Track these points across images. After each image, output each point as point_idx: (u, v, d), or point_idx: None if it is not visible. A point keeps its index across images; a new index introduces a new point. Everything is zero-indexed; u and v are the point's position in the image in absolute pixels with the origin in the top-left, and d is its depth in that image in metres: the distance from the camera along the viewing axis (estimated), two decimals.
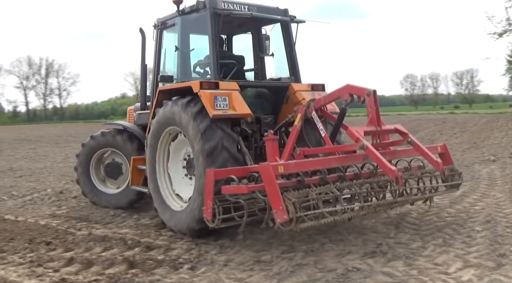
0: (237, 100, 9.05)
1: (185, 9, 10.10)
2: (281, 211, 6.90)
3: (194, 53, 10.52)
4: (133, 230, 10.11)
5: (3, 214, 12.50)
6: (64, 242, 9.54)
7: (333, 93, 9.25)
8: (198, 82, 8.99)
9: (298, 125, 9.34)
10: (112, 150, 12.52)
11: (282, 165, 7.56)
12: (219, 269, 7.53)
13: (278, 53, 11.05)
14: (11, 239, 9.99)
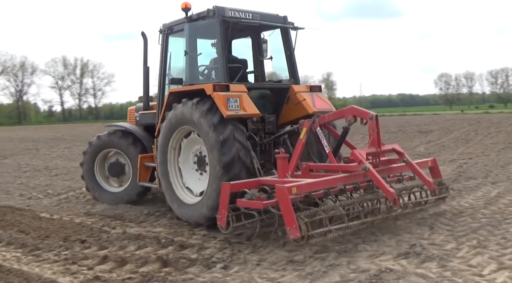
0: (247, 101, 9.79)
1: (193, 16, 10.74)
2: (295, 229, 7.55)
3: (199, 56, 11.17)
4: (167, 229, 10.16)
5: (39, 212, 12.65)
6: (99, 240, 9.62)
7: (338, 112, 10.05)
8: (211, 85, 9.69)
9: (303, 139, 9.86)
10: (116, 150, 13.04)
11: (295, 186, 7.99)
12: (252, 269, 7.53)
13: (278, 57, 11.79)
14: (46, 236, 10.12)
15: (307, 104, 10.90)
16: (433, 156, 19.69)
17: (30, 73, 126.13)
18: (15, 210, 13.03)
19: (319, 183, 8.56)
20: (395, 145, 9.71)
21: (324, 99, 11.42)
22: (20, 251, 9.24)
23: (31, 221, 11.60)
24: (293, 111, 11.06)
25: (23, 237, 10.17)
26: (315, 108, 10.83)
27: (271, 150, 10.81)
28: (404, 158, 9.41)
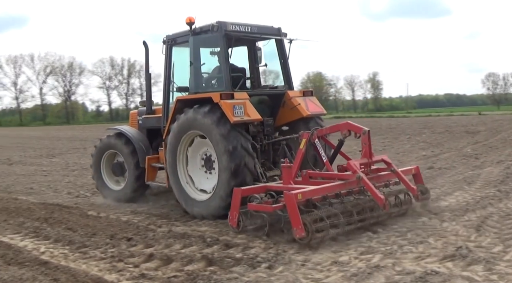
0: (250, 108, 10.86)
1: (197, 29, 11.66)
2: (300, 230, 8.49)
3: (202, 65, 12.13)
4: (212, 228, 10.20)
5: (86, 210, 12.85)
6: (145, 238, 9.71)
7: (334, 127, 10.91)
8: (218, 94, 10.73)
9: (303, 149, 10.61)
10: (115, 151, 13.97)
11: (301, 193, 8.97)
12: (296, 269, 7.52)
13: (274, 65, 12.97)
14: (93, 234, 10.26)
15: (302, 108, 11.96)
16: (480, 157, 19.46)
17: (78, 73, 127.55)
18: (63, 207, 13.27)
19: (321, 190, 9.51)
20: (384, 156, 10.81)
21: (316, 103, 12.42)
22: (67, 248, 9.39)
23: (78, 219, 11.79)
24: (288, 115, 12.17)
25: (70, 234, 10.34)
26: (309, 112, 11.96)
27: (270, 150, 11.92)
28: (392, 167, 10.42)
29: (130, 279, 7.50)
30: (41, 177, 20.25)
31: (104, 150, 14.21)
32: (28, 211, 12.97)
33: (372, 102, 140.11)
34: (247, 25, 11.76)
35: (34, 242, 10.02)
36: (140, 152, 13.22)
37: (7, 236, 10.57)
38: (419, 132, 33.98)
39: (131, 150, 13.36)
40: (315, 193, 9.37)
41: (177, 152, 11.61)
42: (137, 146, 13.27)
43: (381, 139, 29.00)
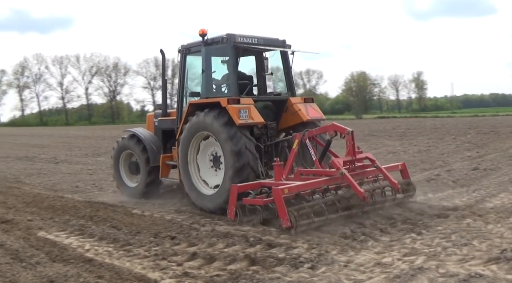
0: (254, 112, 11.90)
1: (209, 40, 12.72)
2: (286, 220, 9.53)
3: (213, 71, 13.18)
4: (255, 228, 10.18)
5: (131, 208, 13.01)
6: (188, 237, 9.76)
7: (322, 128, 11.97)
8: (226, 99, 11.82)
9: (296, 149, 11.71)
10: (131, 152, 14.99)
11: (287, 188, 10.08)
12: (339, 270, 7.48)
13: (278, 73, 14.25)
14: (137, 232, 10.36)
15: (302, 113, 12.89)
16: None
17: (123, 74, 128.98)
18: (108, 206, 13.44)
19: (306, 185, 10.61)
20: (368, 154, 11.73)
21: (316, 108, 13.32)
22: (112, 246, 9.50)
23: (123, 217, 11.92)
24: (290, 119, 13.16)
25: (115, 232, 10.45)
26: (308, 117, 12.86)
27: (273, 151, 12.94)
28: (375, 164, 11.28)
29: (173, 277, 7.56)
30: (87, 176, 20.56)
31: (121, 150, 15.32)
32: (73, 209, 13.17)
33: (416, 102, 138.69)
34: (254, 37, 12.88)
35: (79, 240, 10.16)
36: (151, 152, 14.29)
37: (52, 234, 10.73)
38: (464, 132, 33.56)
39: (143, 150, 14.44)
40: (301, 188, 10.48)
41: (188, 151, 12.66)
42: (148, 147, 14.35)
43: (426, 140, 28.70)
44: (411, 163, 18.67)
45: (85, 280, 7.59)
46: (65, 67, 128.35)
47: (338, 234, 9.27)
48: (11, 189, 17.45)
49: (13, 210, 13.53)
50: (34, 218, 12.38)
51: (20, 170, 24.12)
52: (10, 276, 7.96)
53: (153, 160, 14.23)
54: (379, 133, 35.57)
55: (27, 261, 8.73)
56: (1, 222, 12.03)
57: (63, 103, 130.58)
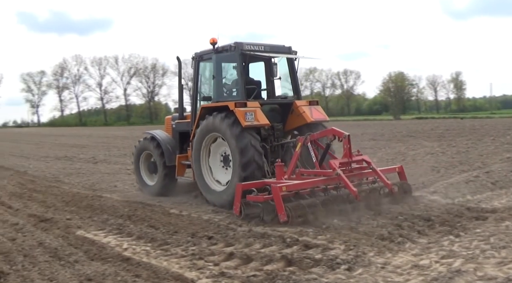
0: (260, 114, 12.80)
1: (219, 48, 13.82)
2: (283, 215, 10.49)
3: (224, 76, 14.25)
4: (292, 228, 10.15)
5: (168, 208, 13.11)
6: (225, 237, 9.81)
7: (323, 132, 12.78)
8: (233, 103, 12.72)
9: (298, 151, 12.59)
10: (150, 152, 15.96)
11: (285, 186, 11.03)
12: (376, 272, 7.43)
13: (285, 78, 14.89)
14: (175, 232, 10.44)
15: (306, 115, 13.73)
16: None
17: (161, 74, 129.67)
18: (146, 205, 13.58)
19: (302, 184, 11.48)
20: (365, 156, 12.43)
21: (320, 111, 14.16)
22: (149, 245, 9.58)
23: (161, 217, 12.03)
24: (296, 121, 13.98)
25: (152, 232, 10.54)
26: (312, 118, 13.67)
27: (279, 151, 13.74)
28: (371, 165, 12.08)
29: (210, 277, 7.58)
30: (125, 175, 20.75)
31: (141, 151, 16.36)
32: (112, 208, 13.34)
33: (455, 103, 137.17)
34: (261, 44, 13.85)
35: (117, 239, 10.29)
36: (166, 153, 15.23)
37: (91, 233, 10.87)
38: (504, 133, 32.99)
39: (160, 151, 15.34)
40: (298, 187, 11.34)
41: (201, 150, 13.68)
42: (164, 147, 15.31)
43: (464, 141, 28.32)
44: (449, 164, 18.52)
45: (123, 278, 7.67)
46: (103, 69, 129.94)
47: (375, 236, 9.20)
48: (50, 188, 17.69)
49: (52, 209, 13.76)
50: (73, 217, 12.58)
51: (60, 169, 24.44)
52: (49, 274, 8.08)
53: (168, 160, 15.18)
54: (417, 134, 35.17)
55: (65, 259, 8.85)
56: (41, 220, 12.24)
57: (102, 104, 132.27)
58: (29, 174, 23.05)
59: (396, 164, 19.69)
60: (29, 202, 15.28)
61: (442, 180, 15.21)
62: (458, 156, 21.43)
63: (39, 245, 9.92)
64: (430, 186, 14.36)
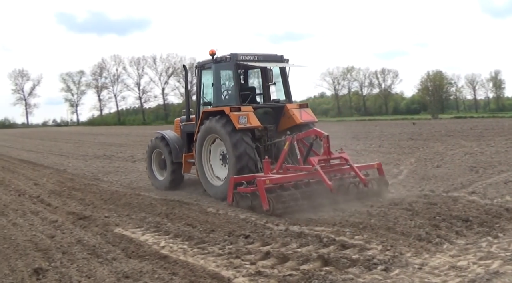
0: (252, 117, 14.31)
1: (217, 58, 15.34)
2: (266, 204, 11.85)
3: (222, 83, 15.95)
4: (329, 228, 10.14)
5: (206, 206, 13.23)
6: (262, 236, 9.84)
7: (306, 133, 13.96)
8: (228, 108, 14.29)
9: (286, 149, 13.92)
10: (160, 150, 17.57)
11: (269, 179, 12.43)
12: (413, 272, 7.38)
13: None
14: (212, 230, 10.49)
15: (296, 117, 15.25)
16: None
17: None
18: (183, 204, 13.72)
19: (284, 178, 12.80)
20: (343, 154, 13.50)
21: (309, 113, 15.66)
22: (186, 243, 9.65)
23: (198, 215, 12.12)
24: (287, 122, 15.50)
25: (190, 230, 10.62)
26: (301, 120, 15.18)
27: (272, 149, 15.21)
28: (348, 162, 13.20)
29: (246, 275, 7.60)
30: None
31: (152, 149, 18.01)
32: (150, 207, 13.48)
33: (494, 102, 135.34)
34: (254, 54, 15.43)
35: (154, 237, 10.37)
36: (174, 151, 16.80)
37: (129, 230, 10.99)
38: None
39: (169, 149, 16.95)
40: (280, 180, 12.65)
41: (202, 150, 15.26)
42: (172, 146, 16.92)
43: (504, 141, 27.97)
44: (488, 164, 18.33)
45: (160, 276, 7.74)
46: (142, 68, 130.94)
47: (412, 236, 9.13)
48: (89, 186, 17.91)
49: (91, 207, 13.95)
50: (111, 214, 12.73)
51: (98, 168, 24.71)
52: (87, 271, 8.19)
53: (175, 157, 16.76)
54: (456, 134, 34.85)
55: (103, 256, 8.96)
56: (79, 218, 12.42)
57: (140, 103, 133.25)
58: (68, 172, 23.36)
59: (434, 163, 19.57)
60: (68, 199, 15.50)
61: (481, 180, 15.06)
62: (497, 155, 21.18)
63: (78, 242, 10.07)
64: (468, 186, 14.23)
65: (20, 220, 12.59)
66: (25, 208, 14.28)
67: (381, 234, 9.38)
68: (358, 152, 25.88)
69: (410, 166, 19.45)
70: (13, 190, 18.00)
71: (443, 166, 18.98)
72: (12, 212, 13.74)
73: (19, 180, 21.15)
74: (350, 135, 38.38)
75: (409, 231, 9.42)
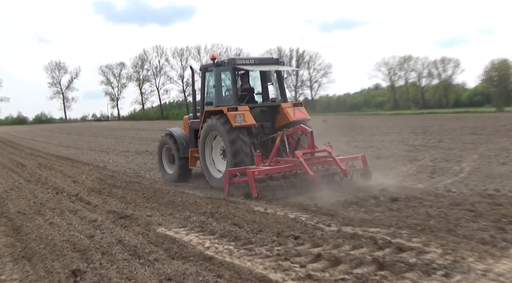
0: (248, 116, 16.68)
1: (218, 62, 17.87)
2: (254, 192, 14.29)
3: (222, 85, 18.27)
4: (385, 229, 10.08)
5: (253, 205, 13.28)
6: (312, 237, 9.78)
7: (294, 129, 16.13)
8: (226, 108, 16.67)
9: (278, 144, 16.05)
10: (169, 146, 19.90)
11: (257, 171, 14.76)
12: (476, 279, 7.27)
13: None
14: (259, 231, 10.51)
15: (289, 115, 17.49)
16: None
17: None
18: (230, 202, 13.81)
19: (271, 170, 15.08)
20: (327, 147, 15.50)
21: (303, 111, 17.89)
22: (232, 244, 9.69)
23: (245, 214, 12.15)
24: (281, 120, 17.74)
25: (236, 230, 10.65)
26: (294, 118, 17.34)
27: (268, 144, 17.45)
28: (331, 155, 15.16)
29: (296, 279, 7.60)
30: None
31: (162, 145, 20.35)
32: (194, 205, 13.59)
33: None
34: (251, 58, 18.20)
35: (199, 237, 10.43)
36: (181, 147, 19.13)
37: (172, 230, 11.08)
38: None
39: (176, 146, 19.26)
40: (268, 171, 14.92)
41: (205, 146, 17.66)
42: (179, 142, 19.25)
43: None
44: None
45: (204, 279, 7.76)
46: (185, 60, 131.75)
47: (475, 239, 9.00)
48: (130, 184, 18.18)
49: (132, 205, 14.13)
50: (154, 213, 12.87)
51: (141, 164, 25.07)
52: (128, 272, 8.26)
53: (182, 152, 19.06)
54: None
55: (145, 257, 9.04)
56: (120, 217, 12.60)
57: (184, 96, 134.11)
58: (109, 169, 23.75)
59: (499, 160, 19.32)
60: (108, 197, 15.77)
61: None
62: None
63: (118, 243, 10.18)
64: None
65: (57, 219, 12.79)
66: (63, 206, 14.53)
67: (441, 236, 9.26)
68: (416, 148, 25.77)
69: (473, 163, 19.28)
70: (51, 188, 18.37)
71: (509, 163, 18.71)
72: (49, 210, 13.97)
73: (56, 177, 21.59)
74: (407, 130, 38.09)
75: (472, 234, 9.29)
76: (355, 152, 21.79)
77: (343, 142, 27.65)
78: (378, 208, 12.03)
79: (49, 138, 55.88)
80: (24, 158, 32.00)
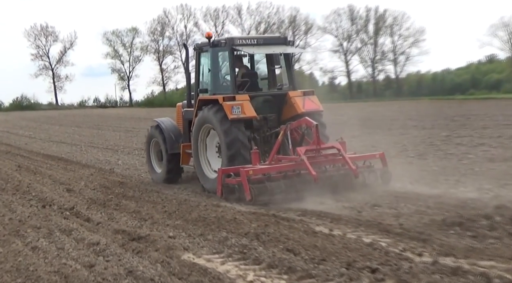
0: (247, 107, 18.16)
1: (214, 42, 19.36)
2: (248, 194, 16.09)
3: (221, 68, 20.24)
4: (503, 264, 9.87)
5: (314, 224, 13.28)
6: (397, 270, 9.67)
7: (298, 122, 17.91)
8: (222, 97, 18.16)
9: (280, 139, 17.95)
10: (157, 140, 21.92)
11: (252, 170, 16.66)
12: None
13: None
14: (322, 259, 10.48)
15: (298, 106, 19.03)
16: None
17: (303, 32, 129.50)
18: (281, 219, 13.79)
19: (269, 169, 17.09)
20: (335, 143, 17.52)
21: (314, 100, 19.47)
22: (285, 278, 9.73)
23: (302, 236, 12.16)
24: (288, 111, 19.40)
25: (290, 258, 10.62)
26: (303, 109, 18.82)
27: (272, 140, 19.05)
28: (340, 152, 17.06)
29: None
30: None
31: (150, 139, 22.42)
32: (233, 223, 13.61)
33: None
34: (253, 38, 19.84)
35: (239, 267, 10.48)
36: (168, 141, 20.98)
37: (202, 257, 11.17)
38: None
39: (164, 139, 21.10)
40: (264, 170, 16.93)
41: (198, 141, 19.37)
42: (167, 135, 21.10)
43: None
44: None
45: None
46: (221, 24, 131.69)
47: None
48: (146, 194, 18.40)
49: (149, 223, 14.28)
50: (178, 234, 12.96)
51: None
52: None
53: (170, 148, 20.93)
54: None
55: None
56: (132, 239, 12.71)
57: None
58: (117, 173, 24.09)
59: None
60: (115, 212, 15.96)
61: None
62: None
63: (128, 274, 10.23)
64: None
65: (43, 243, 12.82)
66: (51, 224, 14.63)
67: None
68: None
69: None
70: (35, 199, 18.59)
71: None
72: (31, 231, 14.01)
73: (43, 184, 21.89)
74: None
75: None
76: (457, 152, 21.74)
77: (441, 138, 27.53)
78: (493, 232, 11.91)
79: (33, 131, 56.52)
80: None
